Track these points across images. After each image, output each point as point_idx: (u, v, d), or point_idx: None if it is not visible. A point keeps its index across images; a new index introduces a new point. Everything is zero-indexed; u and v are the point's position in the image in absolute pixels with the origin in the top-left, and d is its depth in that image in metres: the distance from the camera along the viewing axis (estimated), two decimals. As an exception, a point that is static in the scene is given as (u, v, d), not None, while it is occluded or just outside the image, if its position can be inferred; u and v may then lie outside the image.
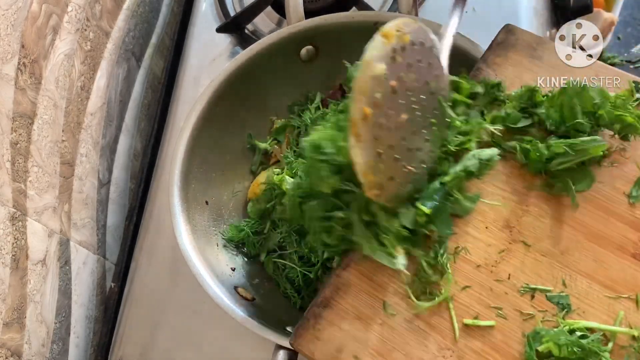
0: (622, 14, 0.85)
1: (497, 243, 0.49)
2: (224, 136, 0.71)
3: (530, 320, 0.46)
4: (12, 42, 0.58)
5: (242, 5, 0.85)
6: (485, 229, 0.50)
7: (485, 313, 0.46)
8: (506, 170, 0.52)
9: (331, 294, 0.49)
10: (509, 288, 0.47)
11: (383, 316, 0.47)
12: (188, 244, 0.61)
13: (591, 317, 0.45)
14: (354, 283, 0.49)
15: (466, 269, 0.48)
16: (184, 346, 0.70)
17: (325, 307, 0.48)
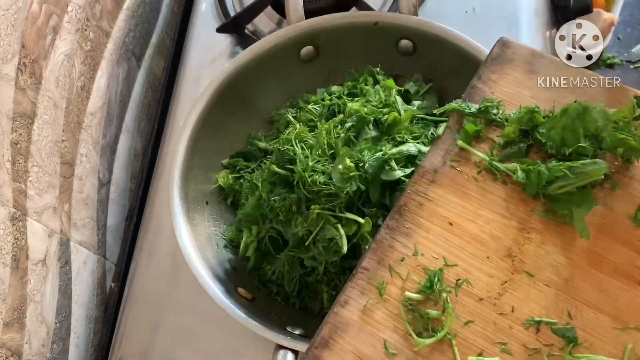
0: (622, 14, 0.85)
1: (499, 274, 0.47)
2: (224, 136, 0.71)
3: (536, 355, 0.44)
4: (12, 42, 0.58)
5: (242, 5, 0.85)
6: (486, 259, 0.48)
7: (489, 349, 0.45)
8: (505, 196, 0.50)
9: (330, 333, 0.46)
10: (513, 322, 0.45)
11: (384, 356, 0.45)
12: (188, 244, 0.61)
13: (599, 350, 0.44)
14: (353, 321, 0.46)
15: (468, 302, 0.46)
16: (184, 346, 0.70)
17: (323, 348, 0.46)
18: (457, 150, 0.53)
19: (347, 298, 0.47)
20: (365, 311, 0.47)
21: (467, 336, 0.45)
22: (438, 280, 0.46)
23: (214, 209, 0.70)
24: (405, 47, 0.70)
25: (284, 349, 0.55)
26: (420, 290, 0.47)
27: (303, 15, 0.69)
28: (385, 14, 0.70)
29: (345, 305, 0.47)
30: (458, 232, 0.49)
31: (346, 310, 0.47)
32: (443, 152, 0.53)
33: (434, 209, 0.50)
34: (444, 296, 0.46)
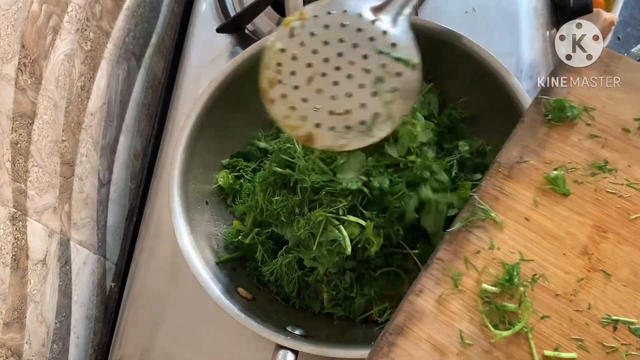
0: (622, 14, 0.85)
1: (575, 271, 0.47)
2: (224, 136, 0.71)
3: (613, 353, 0.44)
4: (12, 42, 0.58)
5: (242, 5, 0.85)
6: (562, 255, 0.48)
7: (565, 344, 0.45)
8: (581, 194, 0.50)
9: (404, 321, 0.47)
10: (590, 319, 0.45)
11: (459, 346, 0.45)
12: (188, 244, 0.61)
13: None
14: (428, 310, 0.47)
15: (544, 297, 0.46)
16: (184, 346, 0.70)
17: (398, 335, 0.46)
18: (534, 146, 0.53)
19: (421, 287, 0.48)
20: (440, 301, 0.47)
21: (543, 331, 0.45)
22: (517, 273, 0.47)
23: (214, 209, 0.70)
24: (405, 47, 0.69)
25: (284, 349, 0.55)
26: (498, 283, 0.47)
27: (303, 15, 0.69)
28: (385, 14, 0.70)
29: (419, 294, 0.48)
30: (534, 227, 0.49)
31: (421, 299, 0.47)
32: (520, 148, 0.53)
33: (510, 204, 0.51)
34: (522, 290, 0.46)
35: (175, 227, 0.62)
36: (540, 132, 0.54)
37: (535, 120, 0.54)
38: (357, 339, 0.59)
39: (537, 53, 0.74)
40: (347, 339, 0.59)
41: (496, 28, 0.75)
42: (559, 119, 0.54)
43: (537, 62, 0.74)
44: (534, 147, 0.53)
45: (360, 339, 0.59)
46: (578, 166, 0.52)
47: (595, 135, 0.53)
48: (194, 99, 0.68)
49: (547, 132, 0.54)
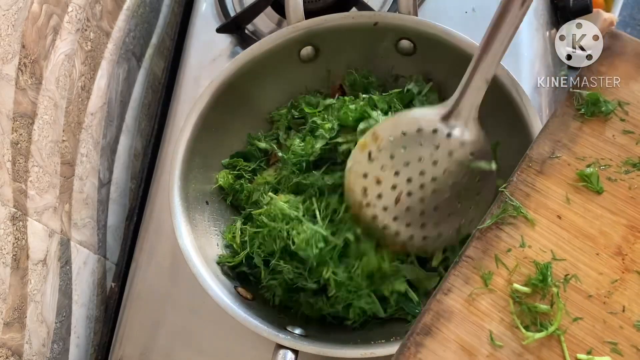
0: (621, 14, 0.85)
1: (609, 272, 0.46)
2: (224, 136, 0.71)
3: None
4: (12, 43, 0.58)
5: (242, 5, 0.85)
6: (595, 255, 0.46)
7: (599, 348, 0.43)
8: (615, 192, 0.49)
9: (432, 321, 0.45)
10: (624, 321, 0.44)
11: (489, 347, 0.44)
12: (188, 244, 0.61)
13: None
14: (457, 310, 0.46)
15: (577, 298, 0.45)
16: (184, 346, 0.70)
17: (426, 335, 0.45)
18: (566, 141, 0.52)
19: (450, 286, 0.47)
20: (469, 300, 0.46)
21: (576, 333, 0.44)
22: (549, 273, 0.45)
23: (214, 209, 0.70)
24: (405, 47, 0.70)
25: (284, 349, 0.55)
26: (530, 283, 0.46)
27: (303, 15, 0.69)
28: (385, 14, 0.70)
29: (448, 293, 0.46)
30: (566, 225, 0.48)
31: (449, 299, 0.46)
32: (552, 143, 0.52)
33: (541, 201, 0.49)
34: (554, 290, 0.45)
35: (175, 227, 0.62)
36: (573, 126, 0.52)
37: (568, 115, 0.53)
38: (357, 339, 0.59)
39: (537, 53, 0.74)
40: (347, 339, 0.59)
41: (496, 28, 0.75)
42: (592, 113, 0.52)
43: (537, 62, 0.74)
44: (565, 142, 0.51)
45: (360, 339, 0.59)
46: (611, 163, 0.50)
47: (629, 131, 0.51)
48: (194, 99, 0.68)
49: (580, 127, 0.52)
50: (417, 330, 0.45)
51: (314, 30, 0.69)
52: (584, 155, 0.51)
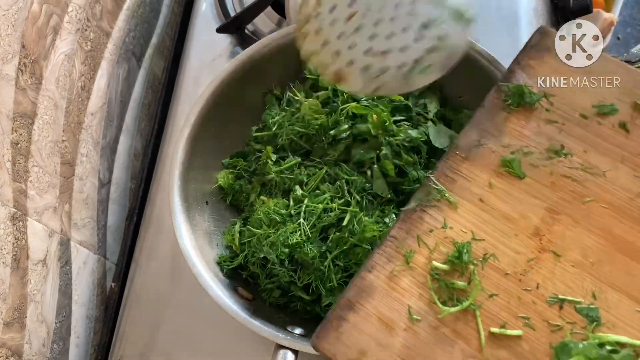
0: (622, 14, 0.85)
1: (526, 251, 0.48)
2: (224, 136, 0.71)
3: (558, 331, 0.45)
4: (12, 43, 0.58)
5: (242, 5, 0.85)
6: (514, 236, 0.49)
7: (512, 322, 0.46)
8: (537, 178, 0.51)
9: (355, 296, 0.48)
10: (537, 298, 0.46)
11: (407, 321, 0.47)
12: (188, 244, 0.61)
13: (621, 331, 0.44)
14: (379, 286, 0.48)
15: (494, 276, 0.47)
16: (184, 346, 0.70)
17: (349, 310, 0.47)
18: (492, 130, 0.54)
19: (373, 264, 0.49)
20: (391, 277, 0.48)
21: (491, 308, 0.46)
22: (466, 251, 0.48)
23: (214, 209, 0.70)
24: (405, 47, 0.69)
25: (284, 349, 0.55)
26: (448, 261, 0.48)
27: (303, 16, 0.69)
28: (385, 14, 0.70)
29: (371, 270, 0.49)
30: (488, 208, 0.50)
31: (372, 275, 0.49)
32: (479, 132, 0.54)
33: (465, 185, 0.52)
34: (471, 268, 0.47)
35: (175, 227, 0.62)
36: (500, 117, 0.55)
37: (495, 106, 0.55)
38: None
39: (537, 53, 0.74)
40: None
41: (496, 28, 0.75)
42: (518, 104, 0.55)
43: (537, 62, 0.73)
44: (492, 131, 0.54)
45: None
46: (535, 150, 0.53)
47: (553, 120, 0.54)
48: (194, 99, 0.68)
49: (506, 117, 0.55)
50: (340, 305, 0.48)
51: (314, 30, 0.69)
52: (509, 143, 0.53)
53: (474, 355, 0.45)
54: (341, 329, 0.47)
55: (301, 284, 0.61)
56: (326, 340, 0.47)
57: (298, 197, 0.62)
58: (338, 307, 0.48)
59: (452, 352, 0.45)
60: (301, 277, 0.61)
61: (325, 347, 0.47)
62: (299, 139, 0.67)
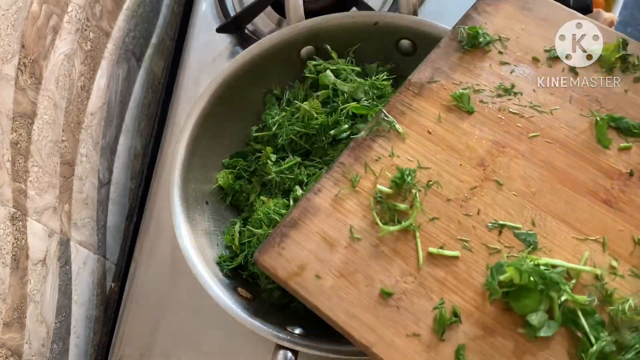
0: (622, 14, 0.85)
1: (469, 180, 0.50)
2: (224, 136, 0.71)
3: (495, 254, 0.47)
4: (12, 42, 0.58)
5: (242, 5, 0.85)
6: (459, 165, 0.51)
7: (451, 244, 0.48)
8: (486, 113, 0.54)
9: (299, 215, 0.50)
10: (478, 223, 0.48)
11: (349, 239, 0.48)
12: (188, 244, 0.61)
13: (557, 255, 0.46)
14: (324, 207, 0.50)
15: (436, 201, 0.50)
16: (184, 346, 0.70)
17: (292, 227, 0.49)
18: (445, 69, 0.56)
19: (320, 187, 0.51)
20: (336, 200, 0.51)
21: (431, 231, 0.48)
22: (409, 175, 0.50)
23: (214, 209, 0.69)
24: (405, 47, 0.70)
25: (284, 349, 0.55)
26: (392, 183, 0.50)
27: (303, 15, 0.69)
28: (385, 14, 0.70)
29: (318, 193, 0.51)
30: (435, 140, 0.53)
31: (318, 197, 0.51)
32: (432, 70, 0.56)
33: (415, 118, 0.54)
34: (414, 192, 0.49)
35: (175, 227, 0.62)
36: (454, 57, 0.57)
37: (450, 46, 0.58)
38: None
39: (537, 53, 0.74)
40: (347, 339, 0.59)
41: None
42: (472, 45, 0.57)
43: (537, 62, 0.73)
44: (445, 69, 0.56)
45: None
46: (485, 88, 0.55)
47: (505, 62, 0.56)
48: (194, 99, 0.68)
49: (460, 57, 0.57)
50: (285, 223, 0.50)
51: (314, 30, 0.69)
52: (460, 81, 0.56)
53: (411, 273, 0.46)
54: (283, 244, 0.49)
55: None
56: (267, 255, 0.49)
57: (298, 197, 0.62)
58: (282, 224, 0.49)
59: (390, 269, 0.47)
60: None
61: (267, 261, 0.48)
62: (299, 139, 0.67)
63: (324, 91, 0.67)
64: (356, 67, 0.68)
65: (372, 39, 0.69)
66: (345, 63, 0.69)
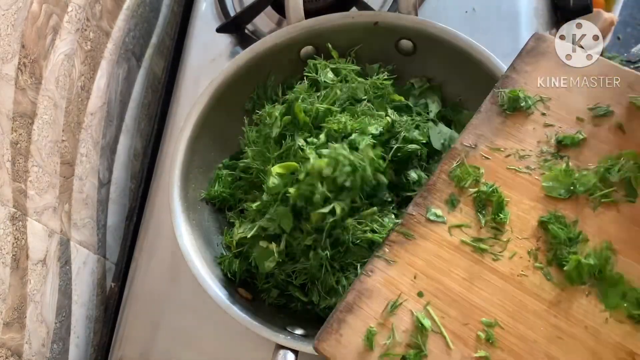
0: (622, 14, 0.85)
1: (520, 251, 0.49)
2: (224, 136, 0.71)
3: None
4: (12, 42, 0.58)
5: (242, 5, 0.85)
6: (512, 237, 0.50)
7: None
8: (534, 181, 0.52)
9: (354, 299, 0.49)
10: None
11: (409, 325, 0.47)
12: (188, 244, 0.61)
13: None
14: (378, 289, 0.49)
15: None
16: (184, 346, 0.70)
17: (348, 312, 0.48)
18: (488, 134, 0.55)
19: (373, 268, 0.50)
20: (390, 280, 0.49)
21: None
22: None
23: (214, 209, 0.69)
24: (405, 47, 0.70)
25: (284, 349, 0.55)
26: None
27: (303, 15, 0.69)
28: (385, 14, 0.70)
29: (371, 274, 0.50)
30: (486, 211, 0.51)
31: (371, 279, 0.49)
32: (475, 137, 0.55)
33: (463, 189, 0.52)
34: None
35: (175, 227, 0.62)
36: (496, 121, 0.55)
37: (492, 111, 0.56)
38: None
39: (537, 53, 0.74)
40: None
41: (496, 28, 0.75)
42: (514, 109, 0.55)
43: (537, 62, 0.73)
44: (488, 135, 0.55)
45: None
46: (531, 153, 0.53)
47: (549, 124, 0.54)
48: (194, 99, 0.68)
49: (503, 121, 0.55)
50: (340, 308, 0.49)
51: (314, 30, 0.69)
52: (505, 147, 0.54)
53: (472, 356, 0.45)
54: (341, 330, 0.48)
55: (297, 282, 0.61)
56: (327, 343, 0.48)
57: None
58: (338, 309, 0.49)
59: (451, 353, 0.45)
60: (298, 277, 0.61)
61: (326, 349, 0.47)
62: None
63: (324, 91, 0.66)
64: (356, 67, 0.68)
65: (372, 39, 0.69)
66: (346, 63, 0.69)
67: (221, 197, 0.68)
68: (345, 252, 0.59)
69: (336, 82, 0.66)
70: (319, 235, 0.58)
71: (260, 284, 0.64)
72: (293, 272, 0.61)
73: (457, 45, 0.64)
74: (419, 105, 0.68)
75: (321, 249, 0.58)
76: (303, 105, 0.63)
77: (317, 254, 0.58)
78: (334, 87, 0.65)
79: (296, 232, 0.59)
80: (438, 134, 0.65)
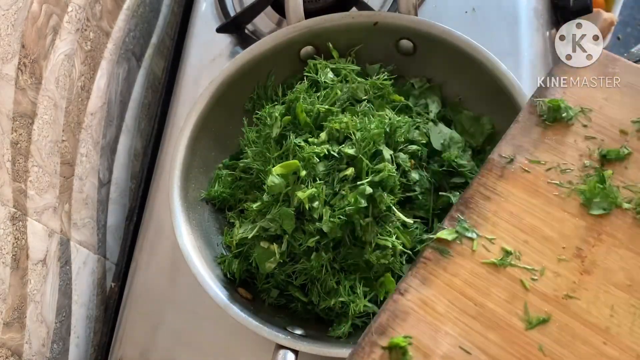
0: (622, 14, 0.85)
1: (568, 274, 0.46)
2: (224, 136, 0.71)
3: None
4: (12, 42, 0.58)
5: (242, 5, 0.85)
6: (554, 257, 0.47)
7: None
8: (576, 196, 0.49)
9: (387, 321, 0.46)
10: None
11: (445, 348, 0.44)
12: (188, 244, 0.61)
13: None
14: (412, 310, 0.46)
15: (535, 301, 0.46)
16: (184, 346, 0.70)
17: (381, 335, 0.45)
18: (528, 146, 0.52)
19: (407, 286, 0.47)
20: (425, 301, 0.46)
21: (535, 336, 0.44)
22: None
23: (214, 209, 0.70)
24: (405, 47, 0.70)
25: (284, 349, 0.55)
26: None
27: (303, 15, 0.69)
28: (385, 14, 0.70)
29: (404, 293, 0.47)
30: (526, 228, 0.48)
31: (405, 299, 0.46)
32: (514, 148, 0.52)
33: (501, 204, 0.50)
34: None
35: (175, 227, 0.62)
36: (535, 132, 0.53)
37: (530, 121, 0.54)
38: (357, 339, 0.59)
39: (537, 53, 0.74)
40: (347, 339, 0.59)
41: (496, 28, 0.75)
42: (554, 119, 0.53)
43: (537, 62, 0.74)
44: (527, 147, 0.52)
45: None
46: (573, 167, 0.51)
47: (591, 136, 0.52)
48: (194, 99, 0.68)
49: (542, 132, 0.53)
50: (373, 330, 0.45)
51: (314, 30, 0.69)
52: (545, 160, 0.51)
53: None
54: (373, 355, 0.45)
55: (297, 283, 0.61)
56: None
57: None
58: (370, 332, 0.45)
59: None
60: (298, 277, 0.61)
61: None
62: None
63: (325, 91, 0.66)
64: (356, 67, 0.68)
65: (372, 39, 0.69)
66: (346, 63, 0.69)
67: (221, 197, 0.68)
68: (346, 253, 0.58)
69: (336, 82, 0.66)
70: (323, 237, 0.58)
71: (260, 284, 0.64)
72: (293, 273, 0.61)
73: (457, 45, 0.64)
74: (419, 105, 0.68)
75: (324, 251, 0.58)
76: (304, 106, 0.63)
77: (319, 255, 0.58)
78: (334, 87, 0.65)
79: (298, 233, 0.59)
80: (438, 134, 0.65)
